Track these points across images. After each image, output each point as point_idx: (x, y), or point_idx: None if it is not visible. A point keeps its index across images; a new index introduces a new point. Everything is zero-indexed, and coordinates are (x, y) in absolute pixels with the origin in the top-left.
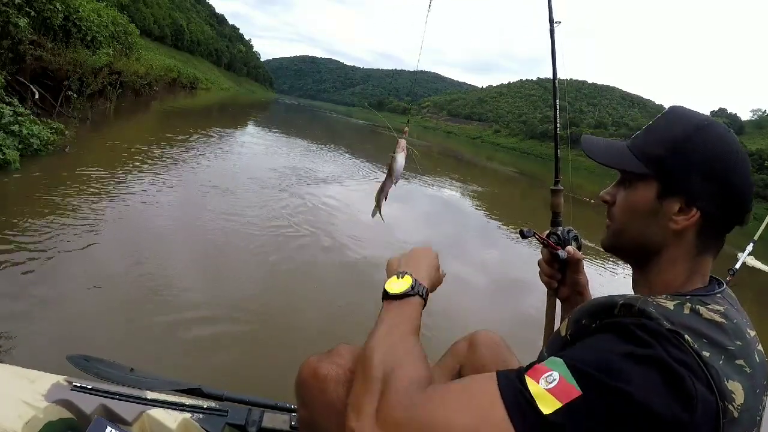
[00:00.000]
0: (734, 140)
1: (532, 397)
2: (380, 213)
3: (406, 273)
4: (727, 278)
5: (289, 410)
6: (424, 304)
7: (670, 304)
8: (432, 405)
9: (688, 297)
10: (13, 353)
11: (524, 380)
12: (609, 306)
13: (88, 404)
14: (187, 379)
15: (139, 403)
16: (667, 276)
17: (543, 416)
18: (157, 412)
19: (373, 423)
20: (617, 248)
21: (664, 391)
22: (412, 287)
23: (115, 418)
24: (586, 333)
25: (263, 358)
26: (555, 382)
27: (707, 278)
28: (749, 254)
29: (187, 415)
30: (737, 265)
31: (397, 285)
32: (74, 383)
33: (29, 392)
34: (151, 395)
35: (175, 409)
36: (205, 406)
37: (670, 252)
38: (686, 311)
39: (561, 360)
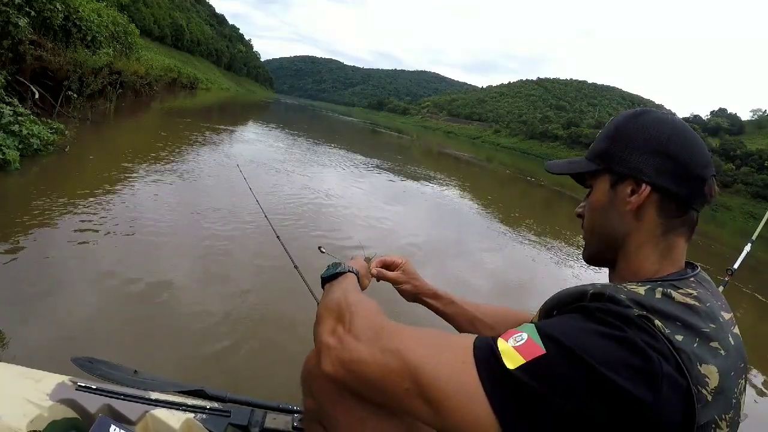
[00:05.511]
0: (672, 119)
1: (499, 352)
2: None
3: (338, 264)
4: (726, 278)
5: (291, 411)
6: (358, 278)
7: (641, 289)
8: (407, 334)
9: (659, 282)
10: (14, 354)
11: (496, 340)
12: (580, 295)
13: (93, 404)
14: (190, 380)
15: (142, 403)
16: (636, 263)
17: (506, 370)
18: (160, 412)
19: (348, 337)
20: (593, 255)
21: (628, 368)
22: (343, 266)
23: (119, 418)
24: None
25: (265, 360)
26: (522, 341)
27: (681, 263)
28: (747, 254)
29: (191, 415)
30: (736, 265)
31: (330, 270)
32: (79, 383)
33: (34, 391)
34: (154, 396)
35: (179, 410)
36: (208, 407)
37: (633, 237)
38: (658, 295)
39: (532, 325)
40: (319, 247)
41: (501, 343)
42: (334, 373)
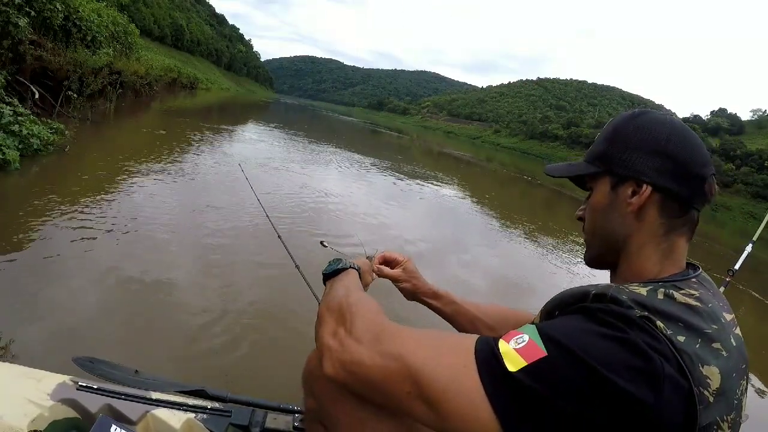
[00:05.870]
0: (670, 119)
1: (500, 354)
2: None
3: (335, 258)
4: (727, 278)
5: (292, 411)
6: (359, 274)
7: (643, 290)
8: (408, 336)
9: (661, 283)
10: (15, 354)
11: (497, 342)
12: (581, 295)
13: (93, 404)
14: (191, 380)
15: (143, 403)
16: (638, 264)
17: (508, 373)
18: (161, 412)
19: (349, 340)
20: (594, 257)
21: (629, 369)
22: (344, 262)
23: (119, 418)
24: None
25: (266, 360)
26: (524, 343)
27: (683, 264)
28: (748, 254)
29: (191, 415)
30: (737, 266)
31: (331, 266)
32: (79, 383)
33: (35, 391)
34: (155, 396)
35: (180, 410)
36: (209, 407)
37: (635, 238)
38: (660, 296)
39: (533, 326)
40: (321, 242)
41: (502, 345)
42: (335, 375)
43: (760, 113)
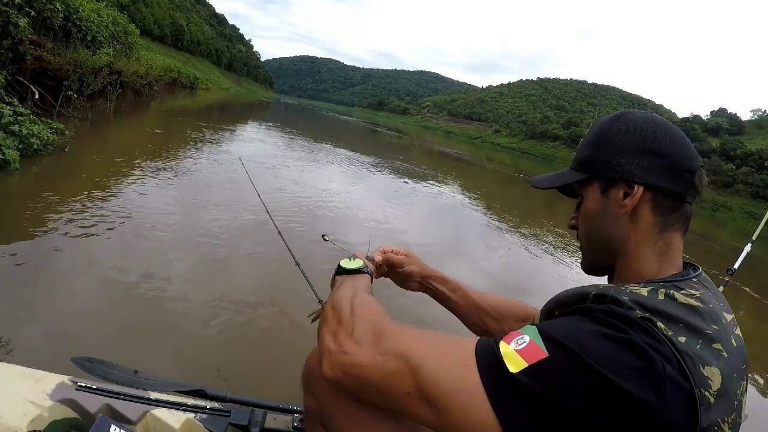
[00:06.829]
0: (652, 117)
1: (501, 356)
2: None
3: (356, 257)
4: (726, 278)
5: (292, 411)
6: (371, 281)
7: (644, 290)
8: (409, 336)
9: (661, 283)
10: (14, 354)
11: (498, 343)
12: (581, 296)
13: (93, 404)
14: (190, 380)
15: (142, 403)
16: (637, 265)
17: (509, 374)
18: (160, 412)
19: (348, 342)
20: (592, 264)
21: (631, 371)
22: (364, 266)
23: (119, 418)
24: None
25: (265, 359)
26: (524, 344)
27: (680, 262)
28: (747, 254)
29: (191, 415)
30: (736, 265)
31: (351, 264)
32: (79, 383)
33: (34, 391)
34: (154, 396)
35: (179, 410)
36: (208, 407)
37: (631, 240)
38: (660, 296)
39: (534, 327)
40: (323, 235)
41: (503, 346)
42: (334, 377)
43: (760, 113)
